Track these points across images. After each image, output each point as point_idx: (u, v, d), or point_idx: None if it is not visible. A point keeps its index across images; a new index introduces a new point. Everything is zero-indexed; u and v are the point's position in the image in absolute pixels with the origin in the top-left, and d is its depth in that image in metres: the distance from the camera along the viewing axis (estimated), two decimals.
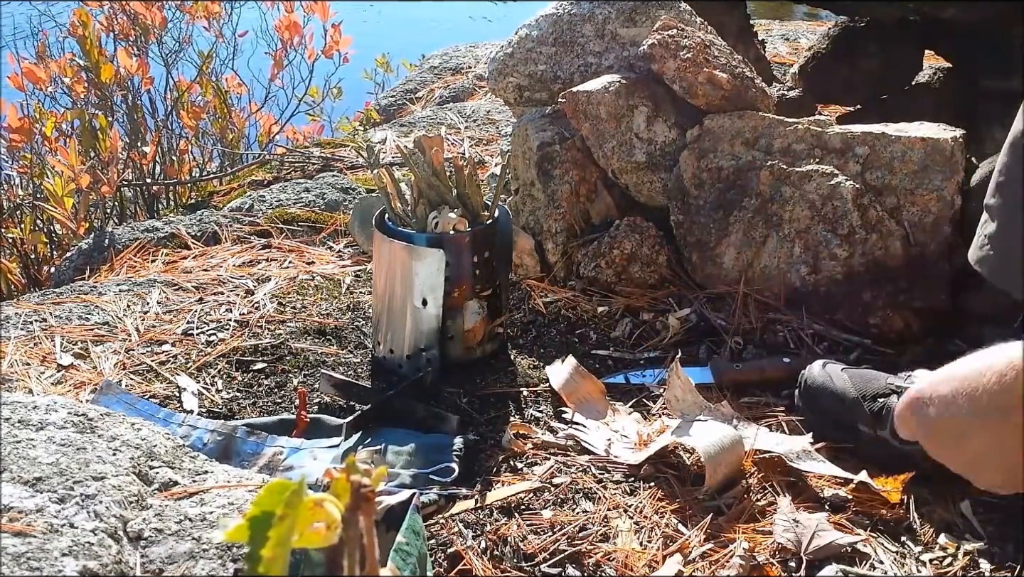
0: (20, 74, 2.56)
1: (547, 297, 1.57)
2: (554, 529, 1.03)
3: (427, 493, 1.09)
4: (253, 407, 1.30)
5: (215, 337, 1.46)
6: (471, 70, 3.20)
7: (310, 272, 1.70)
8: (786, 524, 1.01)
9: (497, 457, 1.17)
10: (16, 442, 0.94)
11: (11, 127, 2.35)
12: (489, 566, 0.99)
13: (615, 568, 0.98)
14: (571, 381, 1.31)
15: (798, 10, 4.92)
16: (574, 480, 1.11)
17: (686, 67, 1.55)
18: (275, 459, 1.17)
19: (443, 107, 2.78)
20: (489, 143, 2.39)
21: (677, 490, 1.09)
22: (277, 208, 1.98)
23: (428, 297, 1.32)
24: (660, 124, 1.60)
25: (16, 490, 0.88)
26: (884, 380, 1.17)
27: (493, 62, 1.78)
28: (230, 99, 3.02)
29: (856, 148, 1.50)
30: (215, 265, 1.73)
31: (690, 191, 1.56)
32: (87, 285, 1.68)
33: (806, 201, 1.48)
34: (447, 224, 1.33)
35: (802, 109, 2.08)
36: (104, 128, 2.48)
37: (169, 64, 2.99)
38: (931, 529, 1.04)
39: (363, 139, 2.58)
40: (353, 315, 1.54)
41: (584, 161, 1.62)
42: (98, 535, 0.85)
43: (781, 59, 2.76)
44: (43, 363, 1.37)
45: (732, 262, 1.52)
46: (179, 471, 1.01)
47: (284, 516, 0.43)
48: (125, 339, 1.45)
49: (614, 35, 1.72)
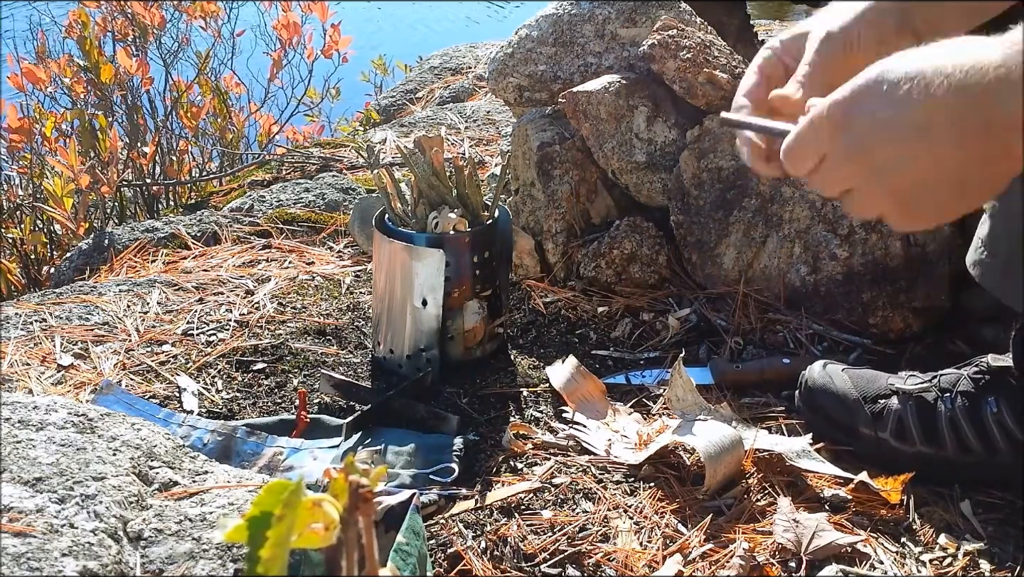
0: (20, 74, 2.56)
1: (547, 297, 1.57)
2: (554, 529, 1.03)
3: (427, 493, 1.09)
4: (253, 407, 1.30)
5: (215, 337, 1.46)
6: (471, 70, 3.20)
7: (310, 272, 1.70)
8: (786, 524, 1.01)
9: (497, 457, 1.17)
10: (16, 442, 0.94)
11: (11, 127, 2.35)
12: (489, 566, 0.99)
13: (615, 568, 0.98)
14: (572, 381, 1.31)
15: (798, 10, 4.92)
16: (574, 480, 1.11)
17: (686, 67, 1.55)
18: (275, 459, 1.17)
19: (443, 107, 2.78)
20: (489, 143, 2.39)
21: (677, 490, 1.09)
22: (277, 208, 1.98)
23: (428, 297, 1.32)
24: (660, 124, 1.60)
25: (16, 490, 0.88)
26: (885, 381, 1.17)
27: (493, 62, 1.78)
28: (229, 99, 3.02)
29: None
30: (215, 265, 1.73)
31: (690, 191, 1.56)
32: (87, 285, 1.68)
33: (806, 201, 1.48)
34: (447, 224, 1.33)
35: None
36: (104, 128, 2.48)
37: (168, 64, 2.99)
38: (931, 529, 1.04)
39: (363, 139, 2.58)
40: (353, 315, 1.54)
41: (584, 161, 1.62)
42: (98, 535, 0.85)
43: None
44: (43, 363, 1.37)
45: (732, 262, 1.52)
46: (179, 471, 1.01)
47: (283, 516, 0.43)
48: (125, 339, 1.45)
49: (614, 35, 1.72)
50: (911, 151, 0.71)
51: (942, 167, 0.70)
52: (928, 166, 0.71)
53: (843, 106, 0.73)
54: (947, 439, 1.10)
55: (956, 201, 0.73)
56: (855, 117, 0.73)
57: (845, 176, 0.76)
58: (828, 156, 0.76)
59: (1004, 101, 0.66)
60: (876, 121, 0.71)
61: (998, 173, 0.70)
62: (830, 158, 0.76)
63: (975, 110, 0.67)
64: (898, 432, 1.12)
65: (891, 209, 0.76)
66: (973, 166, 0.70)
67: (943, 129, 0.68)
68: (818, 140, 0.76)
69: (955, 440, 1.09)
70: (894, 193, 0.74)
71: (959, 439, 1.09)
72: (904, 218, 0.77)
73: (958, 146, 0.69)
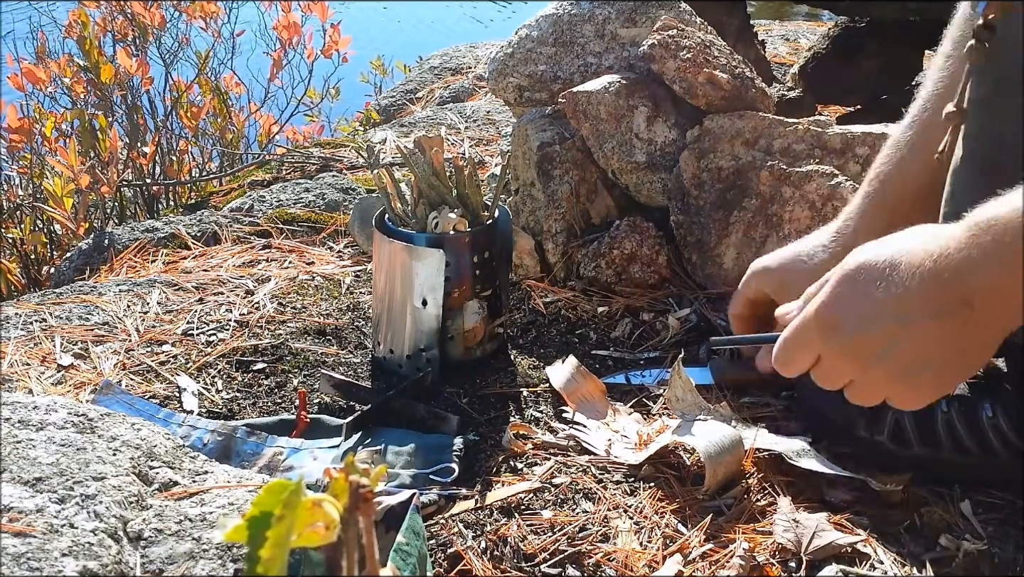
0: (20, 74, 2.56)
1: (547, 297, 1.57)
2: (554, 529, 1.03)
3: (427, 493, 1.09)
4: (253, 407, 1.30)
5: (215, 337, 1.46)
6: (471, 70, 3.20)
7: (310, 272, 1.70)
8: (786, 524, 1.01)
9: (497, 457, 1.17)
10: (16, 442, 0.94)
11: (11, 127, 2.35)
12: (489, 566, 0.99)
13: (615, 568, 0.98)
14: (572, 381, 1.31)
15: (798, 10, 4.93)
16: (574, 480, 1.11)
17: (686, 67, 1.55)
18: (275, 459, 1.17)
19: (443, 107, 2.78)
20: (489, 143, 2.39)
21: (677, 490, 1.09)
22: (277, 208, 1.98)
23: (428, 297, 1.32)
24: (660, 124, 1.60)
25: (16, 490, 0.88)
26: None
27: (493, 62, 1.78)
28: (229, 99, 3.02)
29: (856, 148, 1.50)
30: (215, 265, 1.73)
31: (690, 191, 1.56)
32: (87, 285, 1.68)
33: (806, 201, 1.48)
34: (447, 224, 1.33)
35: (802, 109, 2.08)
36: (104, 128, 2.48)
37: (168, 64, 2.99)
38: (931, 529, 1.04)
39: (363, 139, 2.58)
40: (353, 315, 1.54)
41: (584, 161, 1.62)
42: (98, 535, 0.85)
43: (781, 59, 2.76)
44: (43, 363, 1.37)
45: (732, 262, 1.52)
46: (179, 471, 1.01)
47: (283, 516, 0.43)
48: (125, 339, 1.45)
49: (614, 35, 1.72)
50: (898, 337, 0.77)
51: (930, 346, 0.77)
52: (917, 348, 0.78)
53: (829, 308, 0.81)
54: (944, 442, 1.10)
55: (956, 371, 0.81)
56: (843, 318, 0.80)
57: (845, 371, 0.84)
58: (823, 356, 0.84)
59: (973, 278, 0.73)
60: (863, 318, 0.79)
61: (989, 337, 0.77)
62: (826, 358, 0.84)
63: (949, 292, 0.74)
64: (895, 435, 1.12)
65: (893, 391, 0.83)
66: (959, 338, 0.76)
67: (923, 314, 0.76)
68: (808, 342, 0.84)
69: (952, 443, 1.09)
70: (892, 377, 0.81)
71: (956, 442, 1.09)
72: (907, 397, 0.84)
73: (937, 323, 0.75)
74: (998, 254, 0.71)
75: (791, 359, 0.88)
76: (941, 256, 0.74)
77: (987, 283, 0.72)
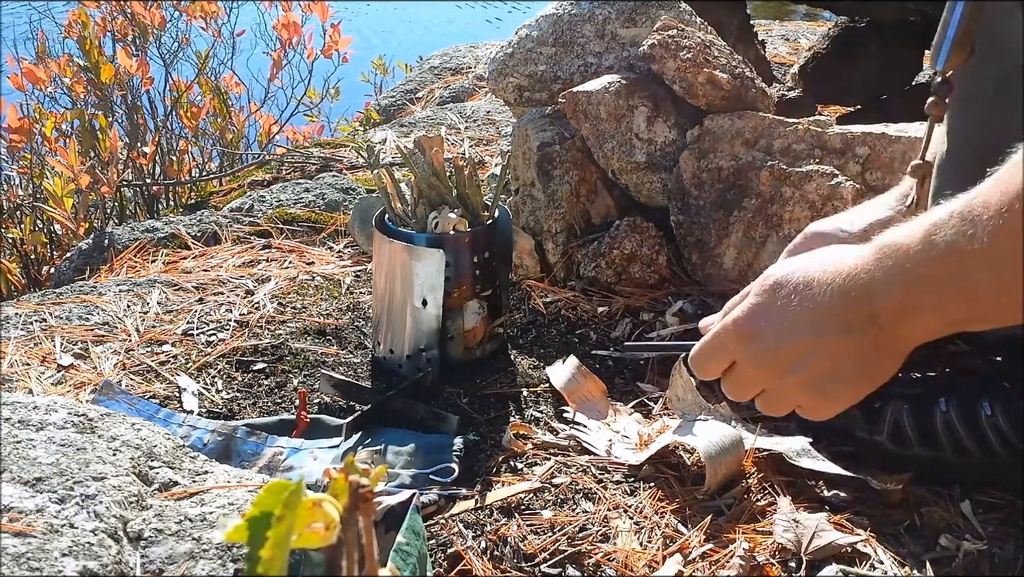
0: (20, 74, 2.56)
1: (547, 297, 1.57)
2: (554, 529, 1.03)
3: (427, 493, 1.08)
4: (253, 407, 1.30)
5: (215, 337, 1.46)
6: (471, 70, 3.20)
7: (310, 272, 1.70)
8: (786, 524, 1.01)
9: (497, 457, 1.17)
10: (16, 442, 0.94)
11: (11, 127, 2.35)
12: (489, 566, 0.99)
13: (615, 568, 0.98)
14: (573, 380, 1.31)
15: (798, 10, 4.92)
16: (574, 480, 1.11)
17: (686, 67, 1.55)
18: (275, 459, 1.17)
19: (443, 107, 2.78)
20: (489, 143, 2.39)
21: (677, 490, 1.09)
22: (277, 208, 1.98)
23: (428, 297, 1.32)
24: (660, 124, 1.60)
25: (16, 490, 0.88)
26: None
27: (493, 62, 1.78)
28: (229, 99, 3.02)
29: (856, 148, 1.50)
30: (215, 265, 1.73)
31: (690, 191, 1.56)
32: (87, 285, 1.68)
33: (806, 201, 1.48)
34: (447, 224, 1.33)
35: (802, 109, 2.08)
36: (104, 128, 2.48)
37: (168, 64, 2.99)
38: (931, 529, 1.04)
39: (363, 139, 2.58)
40: (353, 315, 1.54)
41: (584, 161, 1.62)
42: (98, 535, 0.85)
43: (781, 59, 2.76)
44: (43, 363, 1.37)
45: (732, 262, 1.52)
46: (179, 471, 1.01)
47: (282, 516, 0.43)
48: (125, 339, 1.45)
49: (614, 35, 1.72)
50: (813, 350, 0.81)
51: (843, 359, 0.81)
52: (830, 361, 0.81)
53: (749, 319, 0.85)
54: (944, 442, 1.10)
55: (865, 383, 0.84)
56: (761, 328, 0.84)
57: (757, 379, 0.87)
58: (739, 364, 0.87)
59: (880, 297, 0.77)
60: (780, 329, 0.83)
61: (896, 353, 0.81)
62: (740, 365, 0.87)
63: (857, 310, 0.78)
64: (895, 435, 1.12)
65: (804, 401, 0.87)
66: (871, 353, 0.80)
67: (833, 328, 0.80)
68: (725, 349, 0.88)
69: (952, 443, 1.09)
70: (804, 388, 0.85)
71: (956, 442, 1.09)
72: (816, 407, 0.87)
73: (849, 339, 0.79)
74: (901, 277, 0.75)
75: (706, 364, 0.91)
76: (850, 276, 0.78)
77: (892, 304, 0.76)
